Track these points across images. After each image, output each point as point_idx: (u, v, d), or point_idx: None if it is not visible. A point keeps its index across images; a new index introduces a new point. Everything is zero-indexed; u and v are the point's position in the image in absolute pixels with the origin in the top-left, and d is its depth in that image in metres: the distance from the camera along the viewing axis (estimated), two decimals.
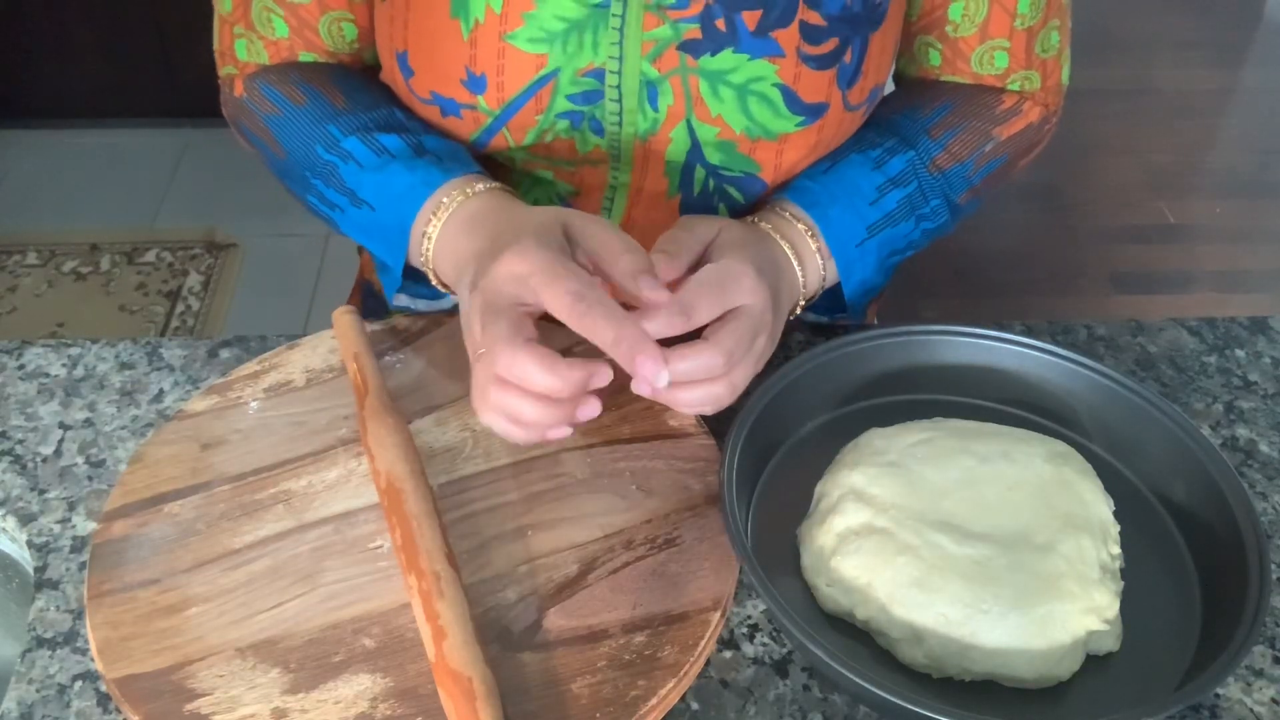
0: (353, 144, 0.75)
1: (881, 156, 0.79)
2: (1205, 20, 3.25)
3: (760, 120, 0.75)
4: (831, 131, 0.77)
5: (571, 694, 0.56)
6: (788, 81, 0.73)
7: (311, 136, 0.77)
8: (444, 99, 0.76)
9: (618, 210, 0.81)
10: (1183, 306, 2.28)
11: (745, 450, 0.65)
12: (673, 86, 0.73)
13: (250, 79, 0.82)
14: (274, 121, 0.80)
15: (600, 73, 0.73)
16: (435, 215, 0.71)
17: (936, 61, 0.84)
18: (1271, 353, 0.82)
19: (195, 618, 0.59)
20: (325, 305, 2.19)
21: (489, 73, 0.73)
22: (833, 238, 0.76)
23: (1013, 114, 0.83)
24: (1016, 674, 0.58)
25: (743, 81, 0.73)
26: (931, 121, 0.81)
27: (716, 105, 0.74)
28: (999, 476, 0.64)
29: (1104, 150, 2.69)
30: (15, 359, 0.78)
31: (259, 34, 0.81)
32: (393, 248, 0.74)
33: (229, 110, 0.85)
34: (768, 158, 0.77)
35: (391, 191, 0.73)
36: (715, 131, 0.75)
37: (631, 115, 0.75)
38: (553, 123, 0.75)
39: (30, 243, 2.35)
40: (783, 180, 0.79)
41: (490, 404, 0.61)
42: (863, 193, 0.78)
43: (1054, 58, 0.84)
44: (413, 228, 0.72)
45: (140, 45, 2.50)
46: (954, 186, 0.81)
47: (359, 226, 0.77)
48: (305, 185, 0.79)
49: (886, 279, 0.83)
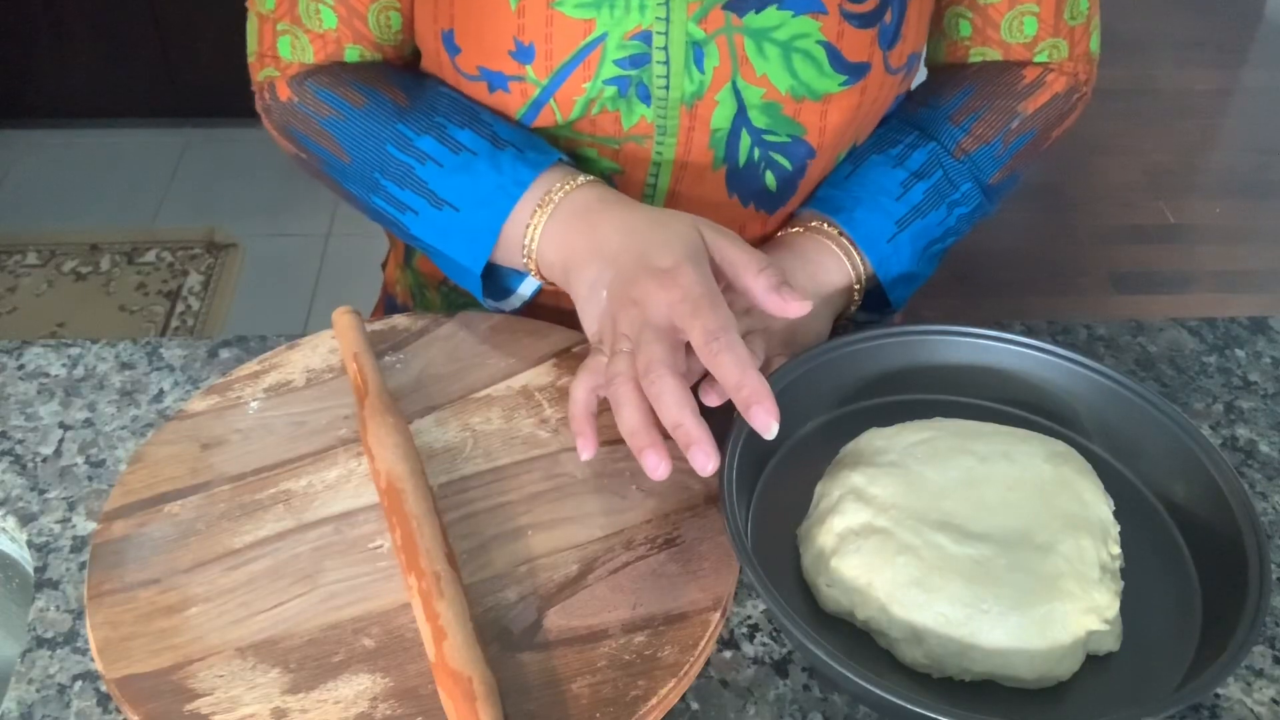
0: (428, 143, 0.75)
1: (903, 153, 0.81)
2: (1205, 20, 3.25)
3: (805, 79, 0.75)
4: (873, 94, 0.78)
5: (571, 694, 0.56)
6: (831, 39, 0.74)
7: (380, 137, 0.77)
8: (491, 73, 0.76)
9: (662, 186, 0.81)
10: (1183, 306, 2.28)
11: (745, 450, 0.65)
12: (718, 47, 0.74)
13: (297, 81, 0.81)
14: (335, 125, 0.79)
15: (647, 35, 0.73)
16: (541, 207, 0.71)
17: (967, 32, 0.85)
18: (1271, 353, 0.82)
19: (195, 618, 0.59)
20: (325, 305, 2.19)
21: (537, 41, 0.73)
22: (862, 237, 0.78)
23: (1036, 87, 0.84)
24: (1016, 674, 0.58)
25: (787, 39, 0.74)
26: (954, 107, 0.83)
27: (762, 64, 0.74)
28: (999, 476, 0.64)
29: (1104, 150, 2.69)
30: (15, 359, 0.78)
31: (305, 28, 0.80)
32: (475, 249, 0.74)
33: (274, 118, 0.83)
34: (812, 120, 0.78)
35: (478, 192, 0.73)
36: (761, 93, 0.75)
37: (678, 78, 0.75)
38: (600, 90, 0.75)
39: (30, 243, 2.35)
40: (829, 147, 0.80)
41: (607, 388, 0.63)
42: (886, 190, 0.79)
43: (1082, 25, 0.85)
44: (505, 226, 0.72)
45: (140, 45, 2.51)
46: (983, 168, 0.82)
47: (436, 229, 0.76)
48: (372, 188, 0.78)
49: (931, 268, 0.83)
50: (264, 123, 0.85)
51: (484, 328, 0.77)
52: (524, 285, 0.78)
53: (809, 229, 0.79)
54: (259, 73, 0.83)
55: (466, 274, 0.76)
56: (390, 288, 0.99)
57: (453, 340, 0.76)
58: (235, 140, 2.55)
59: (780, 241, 0.80)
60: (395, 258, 0.97)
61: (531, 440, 0.69)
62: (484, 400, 0.72)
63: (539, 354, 0.75)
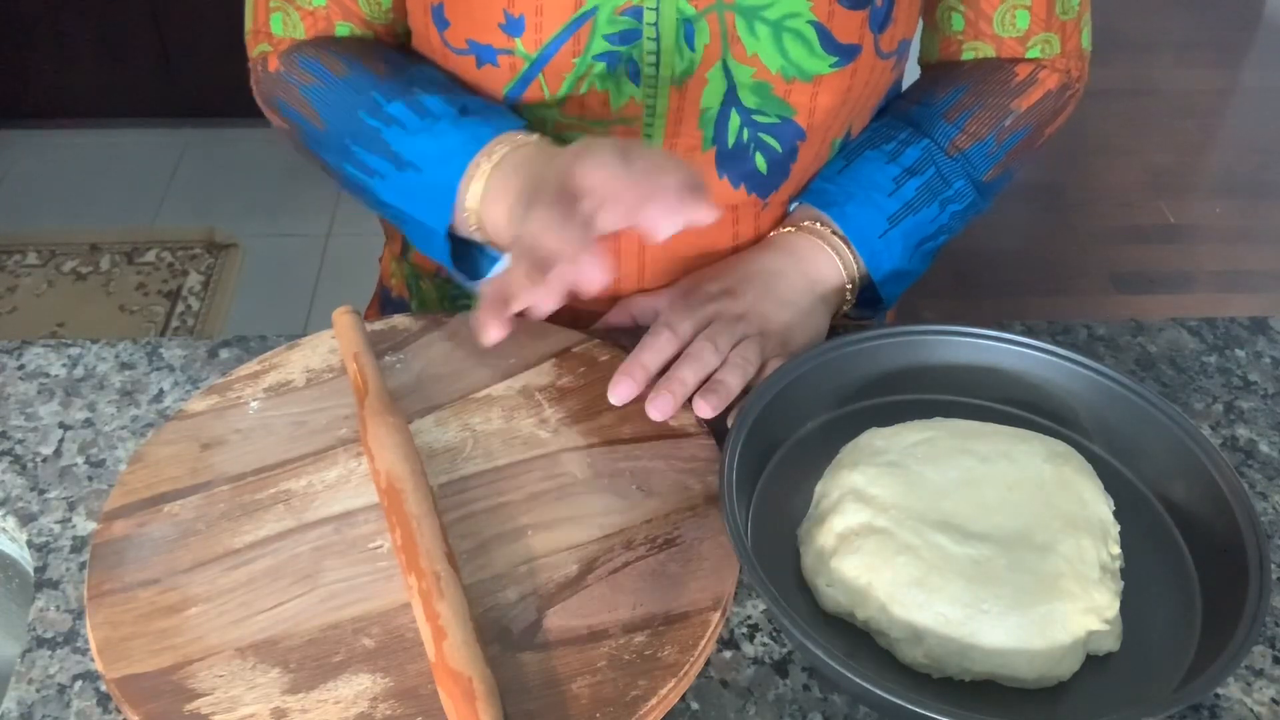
0: (396, 108, 0.76)
1: (896, 149, 0.81)
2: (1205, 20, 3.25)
3: (795, 59, 0.75)
4: (864, 77, 0.78)
5: (571, 694, 0.56)
6: (821, 19, 0.74)
7: (354, 104, 0.78)
8: (480, 46, 0.76)
9: None
10: (1183, 306, 2.28)
11: (745, 450, 0.65)
12: (709, 24, 0.74)
13: (286, 53, 0.83)
14: (314, 91, 0.80)
15: (638, 11, 0.73)
16: (487, 159, 0.72)
17: (960, 26, 0.85)
18: (1271, 353, 0.82)
19: (195, 618, 0.59)
20: (325, 305, 2.19)
21: (527, 13, 0.73)
22: (853, 231, 0.78)
23: (1029, 84, 0.84)
24: (1016, 674, 0.58)
25: (778, 18, 0.74)
26: (947, 105, 0.83)
27: (753, 43, 0.74)
28: (999, 476, 0.64)
29: (1104, 150, 2.69)
30: (15, 359, 0.78)
31: (296, 5, 0.82)
32: (438, 208, 0.74)
33: (263, 88, 0.85)
34: (802, 101, 0.78)
35: (439, 151, 0.74)
36: (751, 72, 0.76)
37: (669, 56, 0.75)
38: (590, 66, 0.75)
39: (30, 243, 2.35)
40: (819, 129, 0.80)
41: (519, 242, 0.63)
42: (879, 185, 0.79)
43: (1074, 20, 0.85)
44: (460, 181, 0.73)
45: (140, 45, 2.51)
46: (977, 165, 0.83)
47: (402, 190, 0.76)
48: (344, 153, 0.79)
49: (924, 266, 0.84)
50: (255, 96, 0.87)
51: None
52: (495, 269, 0.78)
53: (801, 228, 0.79)
54: (253, 48, 0.85)
55: (432, 236, 0.76)
56: (385, 280, 0.99)
57: (453, 340, 0.76)
58: (235, 140, 2.55)
59: (773, 241, 0.80)
60: (391, 250, 0.98)
61: (531, 440, 0.69)
62: (484, 400, 0.72)
63: (539, 354, 0.75)
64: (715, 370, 0.70)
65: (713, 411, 0.68)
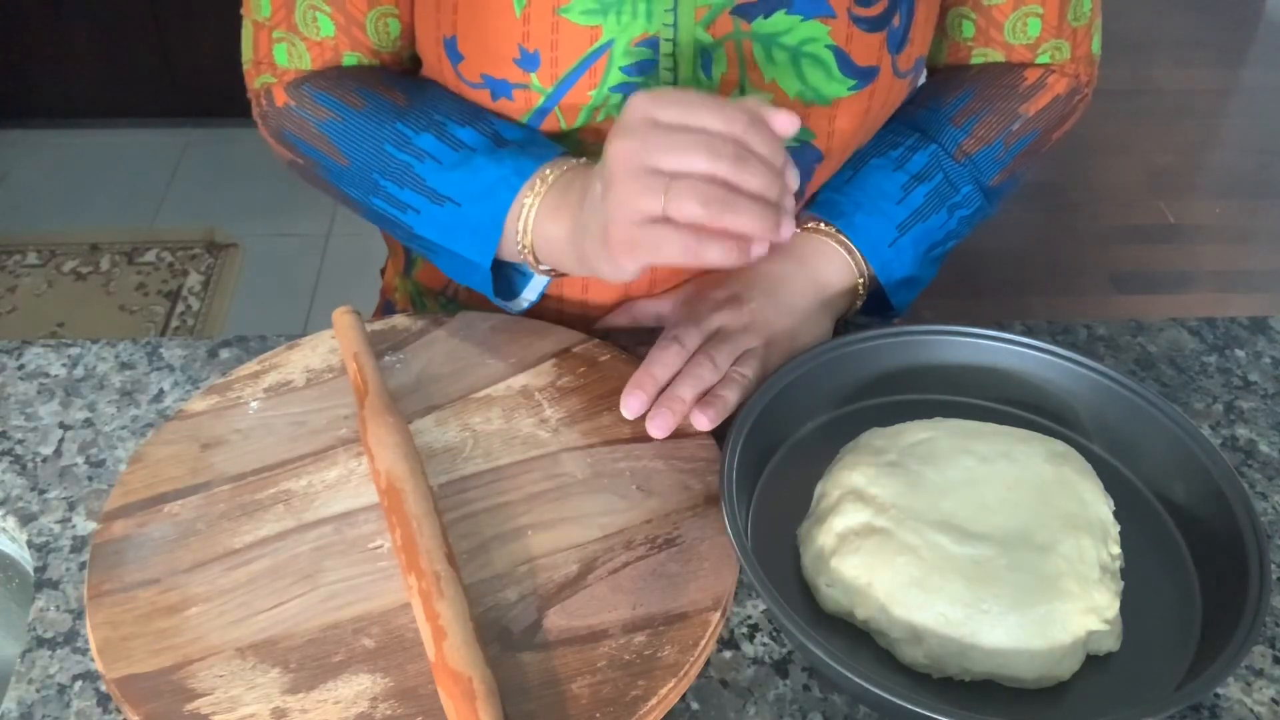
0: (427, 141, 0.74)
1: (903, 155, 0.80)
2: (1205, 20, 3.25)
3: (814, 84, 0.75)
4: (881, 99, 0.78)
5: (571, 694, 0.56)
6: (840, 43, 0.74)
7: (379, 137, 0.76)
8: (495, 80, 0.75)
9: None
10: (1183, 306, 2.28)
11: (745, 450, 0.65)
12: (727, 53, 0.73)
13: (295, 86, 0.80)
14: (332, 126, 0.78)
15: (654, 41, 0.73)
16: (533, 190, 0.70)
17: (970, 33, 0.84)
18: (1271, 353, 0.82)
19: (195, 618, 0.59)
20: (325, 305, 2.19)
21: (542, 49, 0.72)
22: (863, 242, 0.77)
23: (1037, 89, 0.84)
24: (1016, 674, 0.58)
25: (796, 43, 0.73)
26: (955, 109, 0.82)
27: (771, 70, 0.74)
28: (999, 476, 0.64)
29: (1104, 150, 2.69)
30: (15, 359, 0.78)
31: (302, 35, 0.78)
32: (482, 243, 0.73)
33: (270, 123, 0.82)
34: (821, 125, 0.77)
35: (479, 187, 0.72)
36: (769, 98, 0.75)
37: (686, 84, 0.74)
38: (606, 98, 0.74)
39: (30, 243, 2.35)
40: (837, 152, 0.80)
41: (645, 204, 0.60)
42: (887, 194, 0.79)
43: (1085, 26, 0.84)
44: (508, 218, 0.71)
45: (140, 45, 2.50)
46: (984, 170, 0.82)
47: (440, 226, 0.75)
48: (371, 189, 0.77)
49: (933, 271, 0.83)
50: (260, 129, 0.84)
51: (484, 328, 0.77)
52: (529, 289, 0.78)
53: (807, 230, 0.79)
54: (255, 80, 0.82)
55: (474, 270, 0.75)
56: (389, 293, 0.98)
57: (453, 340, 0.76)
58: (235, 140, 2.55)
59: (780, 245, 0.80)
60: (394, 265, 0.96)
61: (531, 440, 0.69)
62: (484, 400, 0.72)
63: (539, 354, 0.75)
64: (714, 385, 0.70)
65: (710, 424, 0.68)
